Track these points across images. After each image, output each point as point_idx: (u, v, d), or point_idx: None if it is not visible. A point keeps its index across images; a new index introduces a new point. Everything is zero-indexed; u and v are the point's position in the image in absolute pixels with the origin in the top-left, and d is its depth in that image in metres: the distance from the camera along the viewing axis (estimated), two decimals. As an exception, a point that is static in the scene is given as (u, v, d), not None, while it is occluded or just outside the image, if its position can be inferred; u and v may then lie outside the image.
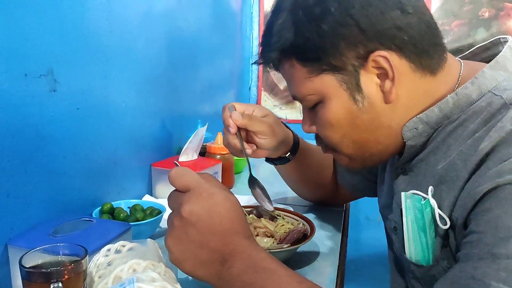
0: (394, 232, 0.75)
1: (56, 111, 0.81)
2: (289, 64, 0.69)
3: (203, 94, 1.58)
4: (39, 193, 0.79)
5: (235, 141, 0.87)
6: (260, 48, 0.73)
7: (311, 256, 0.86)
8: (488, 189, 0.50)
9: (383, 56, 0.61)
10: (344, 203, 1.17)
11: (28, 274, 0.52)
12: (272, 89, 2.18)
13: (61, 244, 0.57)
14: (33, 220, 0.77)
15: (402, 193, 0.64)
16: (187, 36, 1.41)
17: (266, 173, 1.27)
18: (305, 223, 0.89)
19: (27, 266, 0.53)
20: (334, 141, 0.70)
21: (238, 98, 2.01)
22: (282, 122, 0.98)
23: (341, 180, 1.05)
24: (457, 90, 0.63)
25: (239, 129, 0.87)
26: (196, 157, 1.23)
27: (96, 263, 0.59)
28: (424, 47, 0.62)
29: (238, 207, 0.56)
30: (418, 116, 0.65)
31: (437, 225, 0.60)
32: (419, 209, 0.62)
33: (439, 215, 0.59)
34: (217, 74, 1.73)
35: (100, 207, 0.93)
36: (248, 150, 0.88)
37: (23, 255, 0.54)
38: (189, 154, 1.21)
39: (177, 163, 1.00)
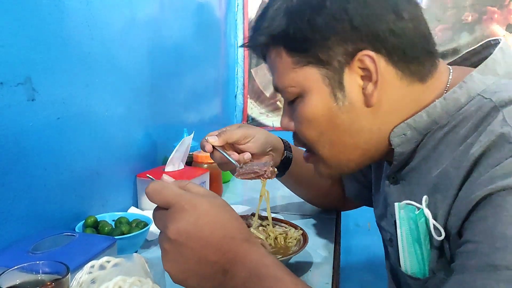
0: (390, 244, 0.73)
1: (35, 121, 0.78)
2: (275, 52, 0.67)
3: (188, 103, 1.56)
4: (18, 207, 0.75)
5: (219, 156, 0.89)
6: (251, 32, 0.71)
7: (305, 266, 0.84)
8: (481, 196, 0.48)
9: (370, 56, 0.60)
10: (347, 210, 1.17)
11: (5, 296, 0.49)
12: (258, 97, 2.16)
13: (41, 262, 0.54)
14: (12, 237, 0.73)
15: (396, 204, 0.62)
16: (171, 43, 1.39)
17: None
18: (298, 231, 0.87)
19: (5, 287, 0.50)
20: (310, 138, 0.68)
21: (224, 106, 1.99)
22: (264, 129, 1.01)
23: (345, 188, 1.05)
24: (445, 94, 0.62)
25: (222, 147, 0.90)
26: (183, 167, 1.20)
27: (79, 281, 0.56)
28: (415, 54, 0.62)
29: (227, 209, 0.53)
30: (406, 121, 0.63)
31: (432, 236, 0.58)
32: (413, 220, 0.60)
33: (434, 225, 0.57)
34: (202, 82, 1.71)
35: (83, 221, 0.89)
36: (234, 156, 0.89)
37: (0, 274, 0.51)
38: (175, 164, 1.18)
39: (151, 177, 0.97)
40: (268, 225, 0.91)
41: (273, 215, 1.00)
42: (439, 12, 1.91)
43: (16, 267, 0.52)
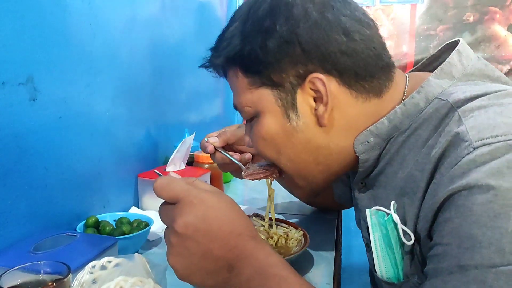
0: (367, 249, 0.74)
1: (36, 120, 0.78)
2: (233, 72, 0.69)
3: (189, 102, 1.55)
4: (19, 207, 0.75)
5: (220, 156, 0.90)
6: (210, 53, 0.73)
7: (306, 266, 0.84)
8: (444, 197, 0.48)
9: (320, 79, 0.61)
10: (343, 209, 1.17)
11: (6, 296, 0.49)
12: (259, 97, 2.16)
13: (42, 262, 0.54)
14: (13, 237, 0.73)
15: (367, 210, 0.62)
16: (172, 43, 1.39)
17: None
18: (299, 231, 0.87)
19: (6, 287, 0.50)
20: (269, 156, 0.70)
21: (225, 106, 1.99)
22: None
23: (333, 191, 1.05)
24: (404, 101, 0.63)
25: (223, 148, 0.90)
26: (184, 167, 1.20)
27: (80, 281, 0.56)
28: (369, 72, 0.63)
29: (235, 206, 0.53)
30: (368, 128, 0.64)
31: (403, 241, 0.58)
32: (383, 225, 0.60)
33: (403, 230, 0.58)
34: (203, 82, 1.70)
35: (84, 221, 0.89)
36: (235, 156, 0.89)
37: (1, 274, 0.50)
38: (176, 163, 1.18)
39: (158, 172, 0.97)
40: (271, 226, 0.91)
41: (276, 216, 1.00)
42: (441, 12, 1.91)
43: (17, 267, 0.52)
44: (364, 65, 0.62)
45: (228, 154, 0.88)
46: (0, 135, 0.70)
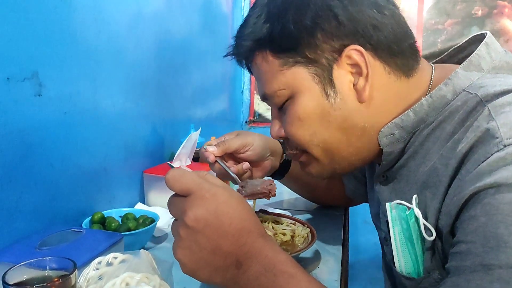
0: (385, 243, 0.72)
1: (42, 116, 0.78)
2: (261, 57, 0.66)
3: (195, 98, 1.55)
4: (24, 203, 0.75)
5: (218, 167, 0.88)
6: (235, 40, 0.70)
7: (313, 263, 0.83)
8: (470, 194, 0.47)
9: (358, 50, 0.60)
10: (350, 206, 1.17)
11: (12, 292, 0.48)
12: (265, 93, 2.15)
13: (48, 258, 0.54)
14: (18, 233, 0.73)
15: (387, 204, 0.61)
16: (178, 38, 1.38)
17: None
18: (306, 228, 0.87)
19: (11, 283, 0.50)
20: (303, 139, 0.66)
21: (231, 101, 1.98)
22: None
23: (345, 186, 1.04)
24: (431, 92, 0.61)
25: (222, 157, 0.88)
26: (190, 163, 1.20)
27: (86, 277, 0.56)
28: (399, 47, 0.62)
29: (245, 203, 0.53)
30: (393, 121, 0.63)
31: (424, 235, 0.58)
32: (404, 219, 0.60)
33: (425, 225, 0.57)
34: (209, 78, 1.70)
35: (90, 217, 0.89)
36: (233, 168, 0.88)
37: (7, 270, 0.50)
38: (182, 159, 1.18)
39: (171, 164, 0.97)
40: (277, 221, 0.90)
41: (281, 211, 1.00)
42: (449, 6, 1.89)
43: (23, 263, 0.52)
44: (394, 41, 0.62)
45: (225, 165, 0.86)
46: (5, 131, 0.70)
